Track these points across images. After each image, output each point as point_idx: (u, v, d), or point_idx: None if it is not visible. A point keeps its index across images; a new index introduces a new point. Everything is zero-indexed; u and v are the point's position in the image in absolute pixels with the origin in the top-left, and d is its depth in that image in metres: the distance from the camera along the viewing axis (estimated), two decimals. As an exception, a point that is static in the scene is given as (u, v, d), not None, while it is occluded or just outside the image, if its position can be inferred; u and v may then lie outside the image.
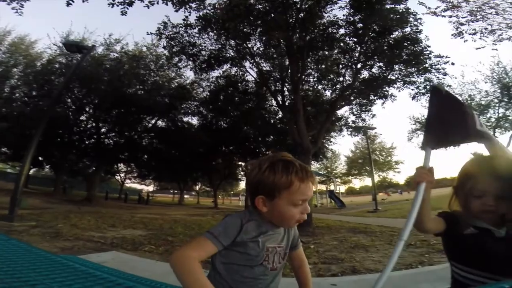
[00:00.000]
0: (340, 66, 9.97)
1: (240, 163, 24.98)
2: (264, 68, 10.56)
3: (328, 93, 11.95)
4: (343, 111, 12.96)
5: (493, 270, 0.96)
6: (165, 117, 18.13)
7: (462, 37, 9.92)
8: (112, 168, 25.97)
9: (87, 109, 17.41)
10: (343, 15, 8.57)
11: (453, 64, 9.08)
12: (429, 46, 8.66)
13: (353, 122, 13.58)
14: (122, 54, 15.52)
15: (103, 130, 18.17)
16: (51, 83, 15.12)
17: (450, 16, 9.78)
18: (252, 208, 0.92)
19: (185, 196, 40.22)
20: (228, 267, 0.88)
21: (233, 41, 9.67)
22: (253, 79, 11.64)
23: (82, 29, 21.27)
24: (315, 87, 11.58)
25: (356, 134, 15.36)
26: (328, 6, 8.09)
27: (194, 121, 19.84)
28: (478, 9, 9.52)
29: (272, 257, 0.90)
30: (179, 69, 14.50)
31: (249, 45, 9.74)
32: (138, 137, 19.28)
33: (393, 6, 7.80)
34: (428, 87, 9.54)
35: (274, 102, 13.09)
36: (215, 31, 9.23)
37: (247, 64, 10.70)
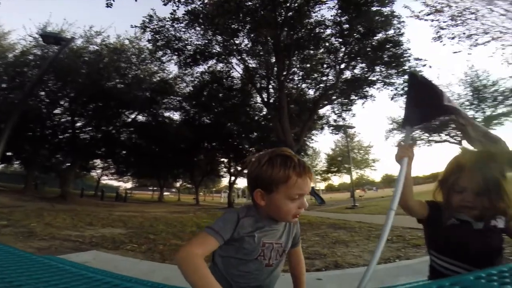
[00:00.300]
0: (325, 65, 10.19)
1: (222, 159, 24.89)
2: (250, 65, 10.57)
3: (311, 92, 12.19)
4: (325, 110, 13.29)
5: (469, 261, 1.03)
6: (145, 111, 17.62)
7: (441, 41, 10.43)
8: (87, 164, 24.87)
9: (62, 103, 16.53)
10: (331, 16, 8.81)
11: (430, 67, 9.60)
12: (409, 49, 9.08)
13: (335, 120, 13.99)
14: (102, 46, 14.88)
15: (78, 124, 17.34)
16: (23, 75, 14.20)
17: (432, 20, 10.22)
18: (253, 202, 0.93)
19: (165, 193, 39.38)
20: (225, 260, 0.91)
21: (220, 37, 9.59)
22: (238, 75, 11.62)
23: (61, 21, 20.09)
24: (299, 85, 11.77)
25: (337, 132, 15.81)
26: (317, 6, 8.22)
27: (176, 116, 19.47)
28: (459, 14, 9.98)
29: (269, 253, 0.92)
30: (163, 63, 14.16)
31: (237, 42, 9.71)
32: (117, 132, 18.59)
33: (379, 8, 8.06)
34: (405, 88, 9.99)
35: (259, 99, 13.16)
36: (202, 26, 9.10)
37: (233, 60, 10.65)
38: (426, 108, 1.19)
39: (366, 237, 5.52)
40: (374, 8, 7.80)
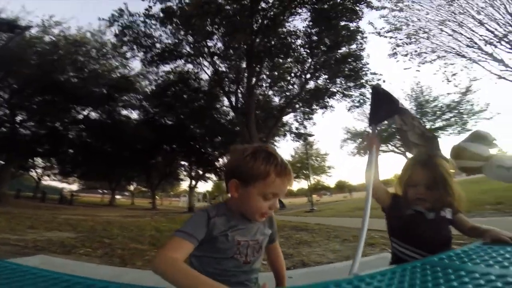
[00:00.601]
0: (292, 74, 10.62)
1: (183, 162, 24.05)
2: (220, 69, 10.54)
3: (276, 99, 12.57)
4: (288, 117, 13.79)
5: (424, 248, 1.18)
6: (100, 108, 16.30)
7: (396, 58, 11.61)
8: (26, 163, 21.98)
9: (1, 94, 14.50)
10: (303, 27, 9.25)
11: (384, 81, 10.61)
12: (367, 64, 9.95)
13: (296, 128, 14.56)
14: (60, 38, 13.54)
15: (19, 118, 15.32)
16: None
17: (391, 37, 11.33)
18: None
19: (117, 197, 36.49)
20: (201, 259, 0.89)
21: (192, 38, 9.39)
22: (207, 78, 11.48)
23: (18, 8, 17.75)
24: (266, 92, 12.05)
25: (298, 139, 16.48)
26: (292, 16, 8.57)
27: (134, 115, 18.36)
28: (414, 33, 11.20)
29: (245, 251, 0.90)
30: (126, 59, 13.37)
31: (209, 44, 9.62)
32: (64, 128, 16.82)
33: (346, 23, 8.69)
34: (361, 101, 10.89)
35: (226, 103, 13.13)
36: (174, 25, 8.83)
37: (203, 62, 10.51)
38: (386, 109, 1.53)
39: (326, 237, 5.82)
40: (342, 23, 8.43)
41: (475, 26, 10.68)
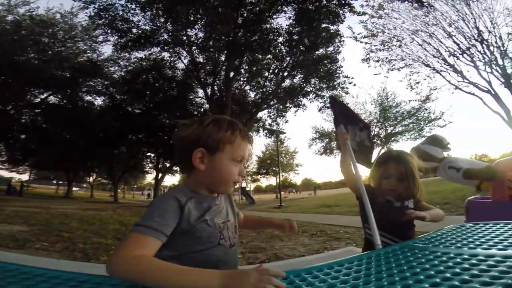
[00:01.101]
0: (270, 71, 10.66)
1: (149, 154, 22.99)
2: (197, 59, 10.21)
3: (252, 94, 12.56)
4: (262, 113, 13.88)
5: (393, 233, 1.34)
6: (61, 92, 14.94)
7: (368, 63, 12.22)
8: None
9: None
10: (286, 25, 9.31)
11: (354, 85, 11.14)
12: (342, 67, 10.35)
13: (269, 125, 14.70)
14: (26, 17, 12.12)
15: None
16: None
17: (366, 43, 11.87)
18: (185, 175, 0.87)
19: (74, 189, 33.84)
20: (182, 259, 0.70)
21: (171, 26, 8.93)
22: (183, 67, 11.06)
23: None
24: (243, 87, 11.97)
25: (270, 136, 16.66)
26: (276, 13, 8.55)
27: (99, 101, 17.12)
28: (388, 41, 11.85)
29: (227, 233, 0.83)
30: (96, 43, 12.40)
31: (190, 33, 9.24)
32: (16, 112, 15.12)
33: (327, 25, 8.92)
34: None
35: (200, 94, 12.79)
36: (154, 11, 8.32)
37: (180, 51, 10.08)
38: (346, 117, 1.75)
39: (295, 232, 6.01)
40: (323, 25, 8.65)
41: (444, 37, 11.64)
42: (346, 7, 8.06)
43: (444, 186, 9.68)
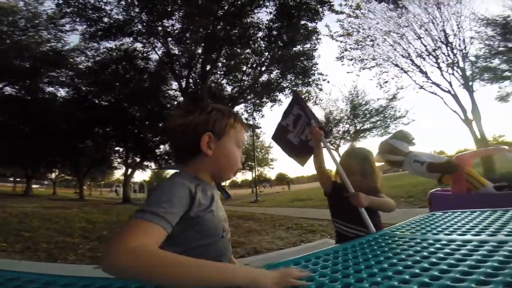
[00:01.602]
0: (248, 65, 10.60)
1: (117, 148, 21.80)
2: (173, 51, 9.83)
3: (229, 88, 12.43)
4: (238, 107, 13.82)
5: (359, 224, 1.44)
6: (20, 83, 13.69)
7: (342, 61, 12.59)
8: None
9: None
10: (266, 20, 9.26)
11: (328, 82, 11.46)
12: (317, 64, 10.58)
13: (246, 119, 14.67)
14: None
15: None
16: None
17: (341, 42, 12.19)
18: (183, 165, 0.79)
19: (34, 186, 31.25)
20: (186, 255, 0.60)
21: (146, 16, 8.46)
22: (157, 58, 10.60)
23: None
24: (219, 80, 11.79)
25: (247, 131, 16.65)
26: (258, 8, 8.46)
27: (62, 92, 15.92)
28: (362, 40, 12.26)
29: (227, 226, 0.81)
30: (63, 32, 11.45)
31: (166, 24, 8.83)
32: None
33: (306, 22, 9.02)
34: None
35: (174, 87, 12.38)
36: (129, 0, 7.82)
37: (155, 42, 9.63)
38: (306, 114, 1.80)
39: (272, 226, 6.13)
40: (303, 22, 8.75)
41: (413, 39, 12.32)
42: (326, 5, 8.23)
43: (407, 180, 10.38)
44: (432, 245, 0.69)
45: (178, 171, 0.79)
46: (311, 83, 11.02)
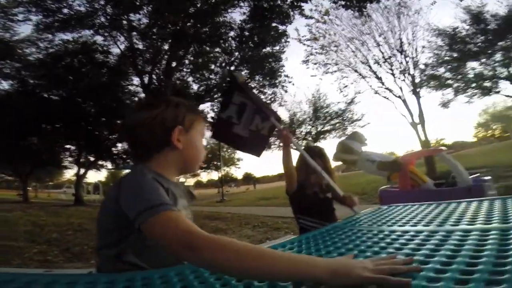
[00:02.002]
0: (217, 64, 10.45)
1: (68, 146, 19.86)
2: (136, 46, 9.28)
3: (195, 86, 12.14)
4: (205, 106, 13.56)
5: (321, 218, 1.61)
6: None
7: (307, 65, 13.05)
8: None
9: None
10: (239, 21, 9.18)
11: (293, 84, 11.83)
12: (283, 66, 10.82)
13: (212, 118, 14.45)
14: None
15: None
16: None
17: (308, 46, 12.59)
18: (145, 162, 0.76)
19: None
20: (144, 253, 0.67)
21: (111, 9, 7.84)
22: (118, 52, 9.91)
23: None
24: (185, 78, 11.43)
25: (211, 129, 16.38)
26: (232, 7, 8.33)
27: (5, 85, 14.10)
28: (327, 45, 12.76)
29: None
30: (13, 22, 10.13)
31: (132, 18, 8.27)
32: None
33: (276, 25, 9.12)
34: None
35: (135, 82, 11.70)
36: None
37: (118, 36, 9.00)
38: (255, 101, 1.67)
39: (239, 224, 6.18)
40: (274, 24, 8.85)
41: (373, 46, 13.18)
42: (297, 9, 8.45)
43: (362, 179, 11.19)
44: (388, 236, 0.73)
45: (138, 166, 0.75)
46: (277, 84, 11.28)
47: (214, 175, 44.69)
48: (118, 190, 0.66)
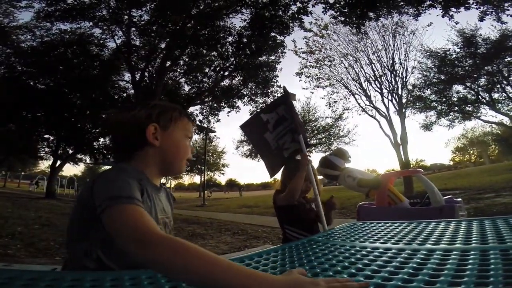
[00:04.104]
0: (211, 68, 10.45)
1: (46, 136, 19.01)
2: (134, 41, 9.19)
3: (187, 88, 12.07)
4: (194, 108, 13.47)
5: (304, 229, 1.66)
6: None
7: (300, 77, 13.23)
8: None
9: None
10: (239, 27, 9.25)
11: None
12: (278, 76, 10.96)
13: (200, 121, 14.37)
14: None
15: None
16: None
17: (303, 59, 12.75)
18: (127, 161, 0.76)
19: None
20: (116, 252, 0.61)
21: (115, 3, 7.76)
22: (113, 46, 9.77)
23: None
24: (178, 78, 11.35)
25: (200, 133, 16.28)
26: (234, 13, 8.39)
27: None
28: (322, 59, 12.95)
29: (167, 231, 0.78)
30: (15, 8, 9.84)
31: (133, 14, 8.20)
32: None
33: (275, 35, 9.26)
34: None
35: (127, 78, 11.51)
36: None
37: (117, 31, 8.89)
38: (296, 120, 1.70)
39: (218, 230, 6.10)
40: (272, 33, 8.99)
41: (365, 64, 13.49)
42: (297, 21, 8.62)
43: (342, 193, 11.37)
44: (359, 251, 0.76)
45: (120, 164, 0.76)
46: (269, 94, 11.38)
47: (197, 179, 44.06)
48: (94, 180, 0.65)
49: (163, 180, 0.86)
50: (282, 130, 1.68)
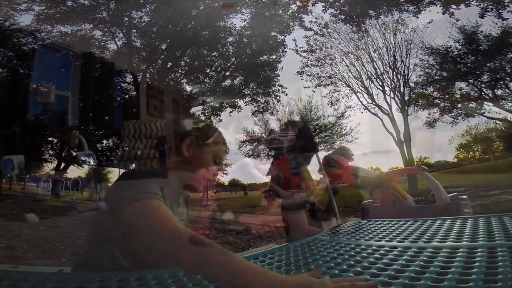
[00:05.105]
0: (213, 68, 10.42)
1: (50, 138, 19.06)
2: (134, 43, 9.23)
3: (188, 88, 12.05)
4: (196, 109, 13.43)
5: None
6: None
7: (301, 77, 13.09)
8: None
9: None
10: (239, 27, 9.23)
11: (286, 94, 11.90)
12: (279, 75, 10.88)
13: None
14: None
15: None
16: None
17: (304, 57, 12.62)
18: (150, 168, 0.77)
19: None
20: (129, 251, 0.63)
21: (115, 5, 7.79)
22: (114, 48, 9.82)
23: None
24: (179, 79, 11.36)
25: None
26: (234, 13, 8.39)
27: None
28: (323, 58, 12.82)
29: None
30: (16, 11, 9.98)
31: (134, 15, 8.22)
32: None
33: (276, 34, 9.24)
34: (265, 108, 11.91)
35: (128, 80, 11.53)
36: None
37: (117, 32, 8.92)
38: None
39: (222, 230, 6.10)
40: (273, 33, 8.98)
41: (367, 62, 13.29)
42: (298, 20, 8.56)
43: (346, 192, 11.29)
44: (364, 250, 0.76)
45: (146, 170, 0.76)
46: (271, 93, 11.34)
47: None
48: (118, 179, 0.70)
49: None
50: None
